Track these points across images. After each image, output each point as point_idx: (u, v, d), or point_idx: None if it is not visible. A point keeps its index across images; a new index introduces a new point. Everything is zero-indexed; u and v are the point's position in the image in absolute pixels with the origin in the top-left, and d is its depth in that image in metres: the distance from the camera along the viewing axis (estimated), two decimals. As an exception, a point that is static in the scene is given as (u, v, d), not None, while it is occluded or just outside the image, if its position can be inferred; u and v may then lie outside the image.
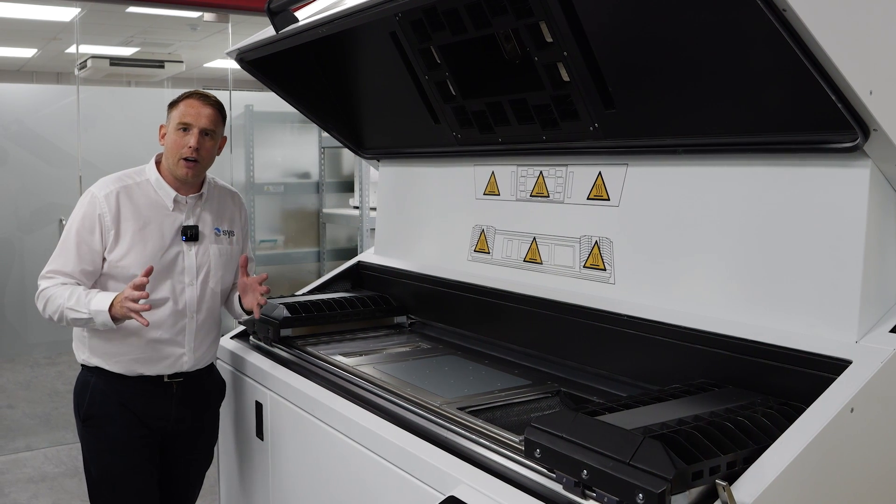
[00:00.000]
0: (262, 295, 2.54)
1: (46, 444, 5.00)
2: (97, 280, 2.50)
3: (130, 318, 2.33)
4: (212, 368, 2.74)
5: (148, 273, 2.34)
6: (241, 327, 2.98)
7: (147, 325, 2.35)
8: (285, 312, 2.78)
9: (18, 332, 6.29)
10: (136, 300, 2.31)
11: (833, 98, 1.50)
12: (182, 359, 2.56)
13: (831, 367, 1.62)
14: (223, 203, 2.69)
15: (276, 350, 2.76)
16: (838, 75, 1.46)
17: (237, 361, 2.83)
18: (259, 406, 2.66)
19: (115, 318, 2.37)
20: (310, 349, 2.69)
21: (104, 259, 2.48)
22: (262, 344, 2.85)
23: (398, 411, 2.13)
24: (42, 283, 2.48)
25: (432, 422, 2.01)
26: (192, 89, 2.62)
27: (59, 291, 2.43)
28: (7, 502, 4.15)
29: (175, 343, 2.55)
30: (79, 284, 2.45)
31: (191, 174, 2.51)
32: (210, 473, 2.87)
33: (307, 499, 2.41)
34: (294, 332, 2.81)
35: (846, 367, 1.60)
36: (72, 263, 2.46)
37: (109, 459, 2.54)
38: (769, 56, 1.64)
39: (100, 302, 2.38)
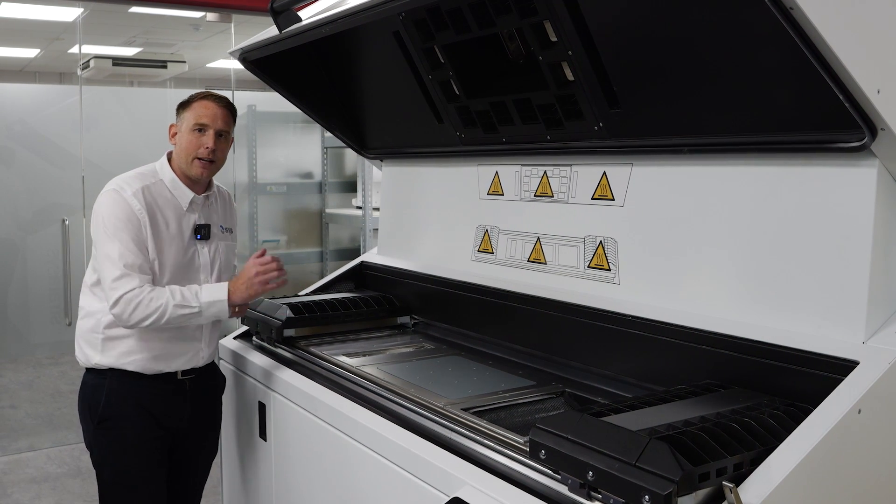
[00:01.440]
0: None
1: (49, 444, 5.00)
2: None
3: (261, 294, 2.56)
4: (214, 363, 2.78)
5: (262, 253, 2.58)
6: (244, 327, 2.98)
7: (285, 283, 2.61)
8: (288, 313, 2.78)
9: (21, 333, 6.27)
10: (267, 271, 2.50)
11: (840, 97, 1.49)
12: (199, 353, 2.61)
13: (838, 368, 1.62)
14: (223, 202, 2.75)
15: (279, 350, 2.75)
16: (845, 74, 1.45)
17: (240, 362, 2.83)
18: (262, 406, 2.65)
19: (232, 305, 2.51)
20: (313, 349, 2.68)
21: None
22: (264, 344, 2.84)
23: (402, 412, 2.12)
24: (123, 286, 2.37)
25: (436, 423, 2.01)
26: (202, 90, 2.65)
27: (159, 292, 2.40)
28: (9, 502, 4.15)
29: (193, 338, 2.59)
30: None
31: (205, 173, 2.55)
32: (213, 474, 2.88)
33: (310, 500, 2.40)
34: (297, 332, 2.80)
35: (853, 367, 1.59)
36: (140, 258, 2.42)
37: (125, 461, 2.54)
38: (776, 55, 1.63)
39: (212, 293, 2.47)
